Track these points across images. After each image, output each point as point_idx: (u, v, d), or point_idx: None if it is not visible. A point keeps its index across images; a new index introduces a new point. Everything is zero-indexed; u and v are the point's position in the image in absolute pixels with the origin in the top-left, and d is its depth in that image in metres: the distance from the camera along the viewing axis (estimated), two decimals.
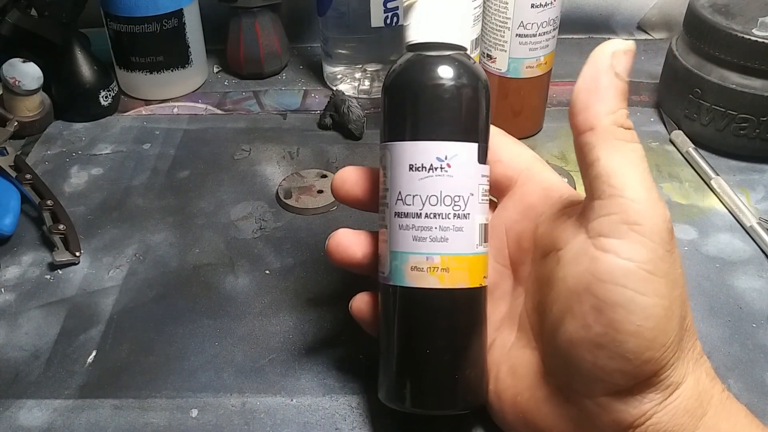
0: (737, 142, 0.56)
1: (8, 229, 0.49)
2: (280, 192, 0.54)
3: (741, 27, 0.54)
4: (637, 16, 0.76)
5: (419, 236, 0.32)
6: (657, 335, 0.28)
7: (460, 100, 0.32)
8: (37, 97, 0.61)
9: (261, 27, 0.67)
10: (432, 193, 0.32)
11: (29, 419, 0.38)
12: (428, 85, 0.32)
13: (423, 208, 0.32)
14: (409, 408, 0.33)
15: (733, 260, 0.48)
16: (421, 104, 0.32)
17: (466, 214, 0.32)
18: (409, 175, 0.32)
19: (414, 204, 0.32)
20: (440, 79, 0.32)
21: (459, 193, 0.32)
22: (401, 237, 0.33)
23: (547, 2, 0.53)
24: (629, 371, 0.28)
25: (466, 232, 0.32)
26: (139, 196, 0.54)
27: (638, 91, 0.67)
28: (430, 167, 0.32)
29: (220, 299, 0.45)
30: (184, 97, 0.67)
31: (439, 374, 0.33)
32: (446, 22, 0.33)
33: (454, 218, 0.32)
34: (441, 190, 0.32)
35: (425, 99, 0.32)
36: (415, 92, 0.33)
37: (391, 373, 0.34)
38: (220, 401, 0.39)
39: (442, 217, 0.32)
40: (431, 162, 0.32)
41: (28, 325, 0.43)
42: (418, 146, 0.32)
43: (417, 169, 0.32)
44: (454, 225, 0.32)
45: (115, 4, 0.61)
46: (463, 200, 0.32)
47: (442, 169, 0.32)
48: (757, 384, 0.39)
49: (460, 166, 0.32)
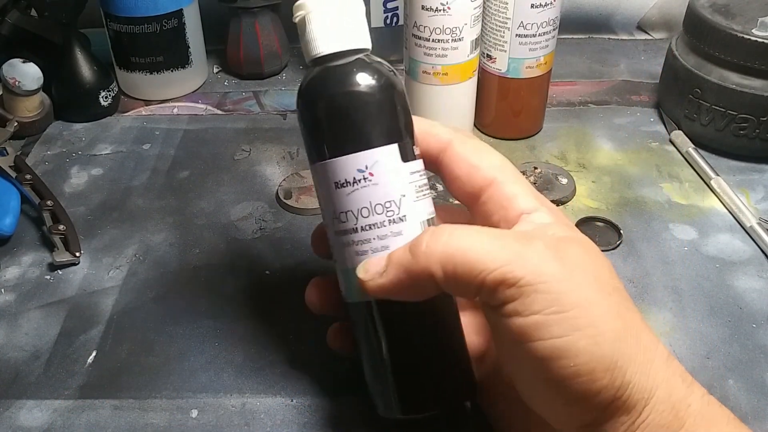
0: (737, 142, 0.56)
1: (8, 230, 0.49)
2: (280, 192, 0.54)
3: (741, 27, 0.54)
4: (637, 16, 0.76)
5: (360, 250, 0.32)
6: (595, 366, 0.27)
7: (368, 105, 0.32)
8: (37, 98, 0.61)
9: (261, 27, 0.67)
10: (362, 206, 0.31)
11: (29, 419, 0.38)
12: (330, 98, 0.32)
13: (357, 222, 0.32)
14: (402, 415, 0.33)
15: (733, 260, 0.48)
16: (328, 120, 0.32)
17: (401, 217, 0.32)
18: (337, 192, 0.32)
19: (348, 220, 0.32)
20: (340, 89, 0.32)
21: (389, 199, 0.31)
22: (345, 254, 0.32)
23: (547, 2, 0.53)
24: (588, 407, 0.28)
25: (406, 235, 0.31)
26: (139, 197, 0.54)
27: (638, 91, 0.67)
28: (354, 181, 0.31)
29: (220, 299, 0.45)
30: (184, 98, 0.67)
31: (417, 377, 0.33)
32: (338, 27, 0.32)
33: (390, 224, 0.31)
34: (370, 201, 0.31)
35: (331, 113, 0.32)
36: (319, 108, 0.32)
37: (376, 386, 0.34)
38: (220, 401, 0.39)
39: (377, 227, 0.31)
40: (353, 176, 0.31)
41: (28, 325, 0.43)
42: (336, 163, 0.32)
43: (342, 186, 0.32)
44: (392, 231, 0.31)
45: (115, 4, 0.61)
46: (395, 204, 0.31)
47: (365, 179, 0.31)
48: (757, 384, 0.39)
49: (383, 172, 0.31)
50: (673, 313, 0.44)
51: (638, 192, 0.54)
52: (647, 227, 0.50)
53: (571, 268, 0.28)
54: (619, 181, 0.55)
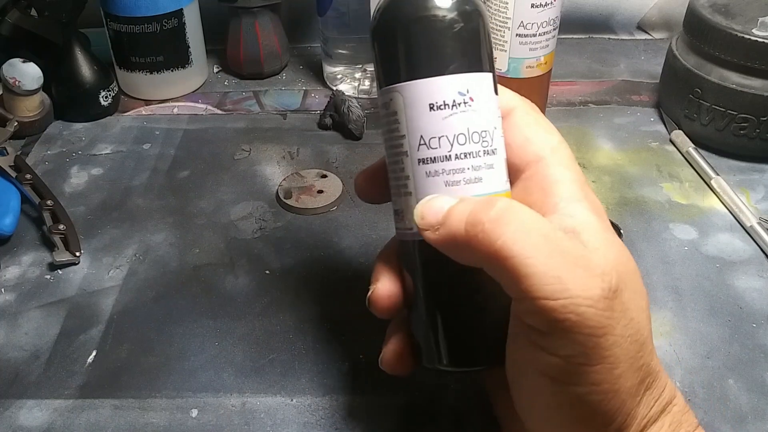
0: (737, 142, 0.56)
1: (8, 229, 0.49)
2: (280, 192, 0.54)
3: (741, 27, 0.54)
4: (637, 16, 0.76)
5: (452, 180, 0.30)
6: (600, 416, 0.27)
7: (471, 27, 0.30)
8: (37, 97, 0.61)
9: (261, 27, 0.67)
10: (459, 132, 0.29)
11: (29, 419, 0.38)
12: (438, 11, 0.30)
13: (452, 149, 0.29)
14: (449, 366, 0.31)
15: (733, 260, 0.48)
16: (433, 36, 0.30)
17: (494, 149, 0.30)
18: (430, 115, 0.29)
19: (441, 146, 0.29)
20: (451, 3, 0.30)
21: (485, 128, 0.30)
22: (431, 184, 0.30)
23: (547, 2, 0.53)
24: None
25: (497, 169, 0.30)
26: (139, 196, 0.54)
27: (638, 91, 0.67)
28: (453, 104, 0.29)
29: (220, 299, 0.45)
30: (184, 97, 0.67)
31: (485, 329, 0.31)
32: None
33: (485, 155, 0.30)
34: (468, 127, 0.29)
35: (438, 27, 0.30)
36: (422, 20, 0.30)
37: (434, 335, 0.31)
38: (220, 401, 0.39)
39: (473, 156, 0.29)
40: (453, 98, 0.29)
41: (28, 325, 0.43)
42: (436, 82, 0.29)
43: (439, 108, 0.29)
44: (486, 162, 0.30)
45: (115, 4, 0.61)
46: (489, 135, 0.30)
47: (465, 104, 0.29)
48: (757, 384, 0.39)
49: (482, 99, 0.30)
50: (673, 312, 0.44)
51: (638, 192, 0.54)
52: (647, 227, 0.50)
53: (617, 320, 0.27)
54: (619, 180, 0.55)
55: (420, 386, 0.39)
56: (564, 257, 0.26)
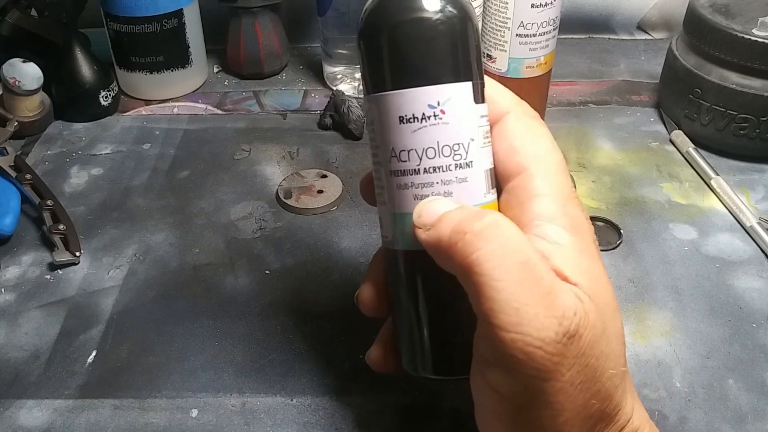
0: (737, 142, 0.56)
1: (8, 229, 0.49)
2: (280, 192, 0.54)
3: (741, 27, 0.54)
4: (637, 16, 0.76)
5: (420, 194, 0.29)
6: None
7: (446, 34, 0.29)
8: (37, 97, 0.61)
9: (261, 27, 0.67)
10: (428, 145, 0.29)
11: (29, 419, 0.38)
12: (407, 21, 0.28)
13: (420, 162, 0.29)
14: (433, 375, 0.31)
15: (733, 260, 0.48)
16: (401, 45, 0.29)
17: (468, 162, 0.29)
18: (400, 128, 0.29)
19: (410, 160, 0.29)
20: (420, 12, 0.28)
21: (458, 141, 0.29)
22: (401, 197, 0.30)
23: (547, 2, 0.53)
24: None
25: (471, 182, 0.29)
26: (139, 196, 0.54)
27: (638, 91, 0.67)
28: (423, 117, 0.28)
29: (220, 299, 0.45)
30: (184, 97, 0.67)
31: (461, 340, 0.30)
32: None
33: (456, 169, 0.29)
34: (438, 141, 0.29)
35: (406, 38, 0.29)
36: (394, 32, 0.29)
37: (411, 342, 0.32)
38: (220, 401, 0.39)
39: (442, 170, 0.29)
40: (423, 111, 0.28)
41: (28, 325, 0.43)
42: (405, 95, 0.29)
43: (408, 121, 0.29)
44: (457, 176, 0.29)
45: (115, 4, 0.61)
46: (463, 148, 0.29)
47: (436, 116, 0.28)
48: (757, 384, 0.39)
49: (455, 111, 0.29)
50: (673, 312, 0.44)
51: (638, 192, 0.54)
52: (647, 227, 0.50)
53: (567, 366, 0.25)
54: (619, 180, 0.55)
55: (420, 386, 0.39)
56: (532, 290, 0.25)
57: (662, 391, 0.39)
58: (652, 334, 0.42)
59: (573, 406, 0.26)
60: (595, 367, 0.26)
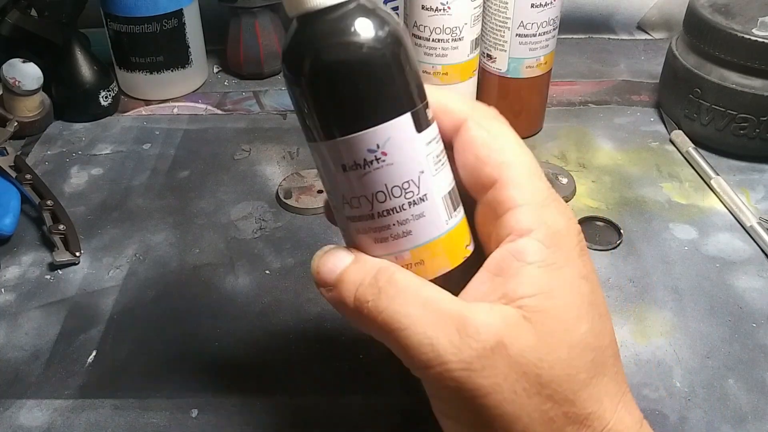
0: (737, 142, 0.56)
1: (8, 229, 0.49)
2: (280, 192, 0.54)
3: (741, 27, 0.54)
4: (637, 16, 0.76)
5: (380, 237, 0.28)
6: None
7: (376, 72, 0.26)
8: (37, 97, 0.61)
9: (261, 27, 0.67)
10: (377, 190, 0.27)
11: (29, 419, 0.38)
12: (327, 66, 0.26)
13: (373, 208, 0.27)
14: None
15: (733, 260, 0.48)
16: (326, 93, 0.26)
17: (422, 197, 0.27)
18: (346, 176, 0.27)
19: (362, 206, 0.27)
20: (343, 51, 0.25)
21: (407, 179, 0.27)
22: (363, 241, 0.29)
23: (547, 2, 0.53)
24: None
25: (429, 215, 0.28)
26: (139, 196, 0.54)
27: (638, 91, 0.67)
28: (364, 163, 0.26)
29: (220, 299, 0.45)
30: (184, 97, 0.67)
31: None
32: None
33: (411, 207, 0.27)
34: (386, 184, 0.27)
35: (329, 85, 0.26)
36: (314, 80, 0.26)
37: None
38: (220, 401, 0.39)
39: (396, 211, 0.27)
40: (363, 157, 0.26)
41: (28, 325, 0.43)
42: (341, 144, 0.27)
43: (351, 168, 0.27)
44: (413, 214, 0.27)
45: (115, 4, 0.61)
46: (414, 184, 0.27)
47: (377, 160, 0.26)
48: (757, 384, 0.39)
49: (398, 149, 0.27)
50: (673, 312, 0.44)
51: (638, 192, 0.54)
52: (647, 227, 0.50)
53: (503, 377, 0.25)
54: (619, 180, 0.55)
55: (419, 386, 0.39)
56: (439, 321, 0.26)
57: (662, 390, 0.39)
58: (652, 334, 0.42)
59: (526, 412, 0.26)
60: (537, 374, 0.25)
